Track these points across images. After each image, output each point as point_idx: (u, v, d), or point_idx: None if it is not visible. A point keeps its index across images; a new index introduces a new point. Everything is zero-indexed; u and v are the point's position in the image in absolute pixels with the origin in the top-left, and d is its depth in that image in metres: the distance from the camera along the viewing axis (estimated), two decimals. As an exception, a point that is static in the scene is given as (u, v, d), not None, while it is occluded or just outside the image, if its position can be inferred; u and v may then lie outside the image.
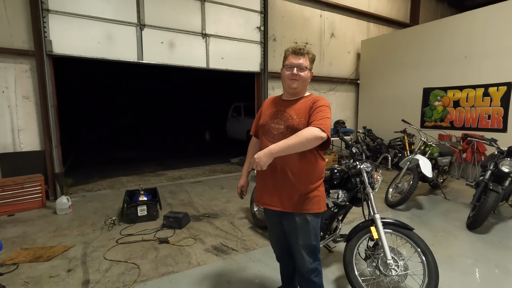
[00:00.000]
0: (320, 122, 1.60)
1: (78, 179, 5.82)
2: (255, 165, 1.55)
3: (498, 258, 2.94)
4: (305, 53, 1.74)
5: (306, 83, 1.79)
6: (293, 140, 1.53)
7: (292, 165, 1.73)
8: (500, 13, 5.58)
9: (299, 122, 1.70)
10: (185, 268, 2.73)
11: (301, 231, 1.78)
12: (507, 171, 3.65)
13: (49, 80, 4.59)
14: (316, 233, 1.82)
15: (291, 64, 1.73)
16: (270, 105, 1.90)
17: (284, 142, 1.54)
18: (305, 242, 1.79)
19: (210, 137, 12.32)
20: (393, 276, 2.10)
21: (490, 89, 5.77)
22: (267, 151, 1.53)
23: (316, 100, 1.74)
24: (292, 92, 1.79)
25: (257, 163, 1.53)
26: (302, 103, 1.76)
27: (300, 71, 1.73)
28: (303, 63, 1.73)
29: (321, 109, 1.67)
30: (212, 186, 5.56)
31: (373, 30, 8.90)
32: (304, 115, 1.71)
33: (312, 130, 1.56)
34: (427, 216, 4.08)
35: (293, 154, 1.67)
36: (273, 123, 1.80)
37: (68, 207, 4.16)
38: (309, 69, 1.77)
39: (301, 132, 1.56)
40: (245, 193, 2.13)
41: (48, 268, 2.73)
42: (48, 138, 4.70)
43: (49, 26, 4.50)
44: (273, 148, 1.53)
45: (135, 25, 5.18)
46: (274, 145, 1.55)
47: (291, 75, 1.73)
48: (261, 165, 1.53)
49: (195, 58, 5.89)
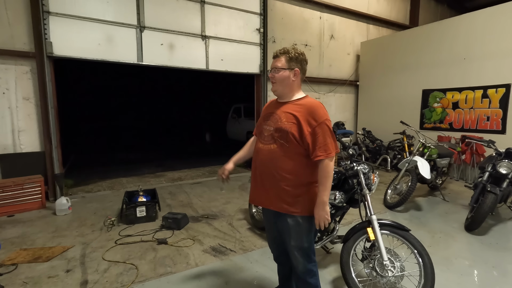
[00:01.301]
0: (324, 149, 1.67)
1: (78, 180, 5.84)
2: (323, 225, 1.71)
3: (496, 259, 2.94)
4: (282, 53, 1.78)
5: (286, 83, 1.77)
6: (328, 182, 1.70)
7: (280, 168, 1.74)
8: (499, 15, 5.60)
9: (287, 126, 1.72)
10: (183, 269, 2.74)
11: (293, 233, 1.79)
12: (505, 172, 3.66)
13: (49, 81, 4.62)
14: (308, 236, 1.82)
15: (271, 67, 1.84)
16: (267, 107, 1.96)
17: (324, 189, 1.69)
18: (297, 244, 1.80)
19: (210, 138, 12.34)
20: (390, 277, 2.11)
21: (489, 91, 5.78)
22: (321, 205, 1.69)
23: (310, 114, 1.69)
24: (277, 95, 1.86)
25: (322, 222, 1.70)
26: (294, 107, 1.75)
27: (275, 72, 1.80)
28: (277, 64, 1.79)
29: (319, 128, 1.67)
30: (212, 187, 5.58)
31: (372, 32, 8.93)
32: (294, 119, 1.71)
33: (325, 165, 1.68)
34: (425, 217, 4.09)
35: (281, 156, 1.73)
36: (265, 125, 1.84)
37: (67, 208, 4.18)
38: (289, 68, 1.76)
39: (323, 171, 1.69)
40: (225, 176, 2.06)
41: (47, 268, 2.74)
42: (48, 139, 4.72)
43: (50, 28, 4.53)
44: (323, 200, 1.69)
45: (135, 27, 5.21)
46: (322, 196, 1.69)
47: (271, 77, 1.83)
48: (326, 219, 1.70)
49: (195, 60, 5.91)
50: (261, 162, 1.82)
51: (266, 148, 1.79)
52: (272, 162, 1.76)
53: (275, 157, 1.74)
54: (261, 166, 1.82)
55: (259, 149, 1.85)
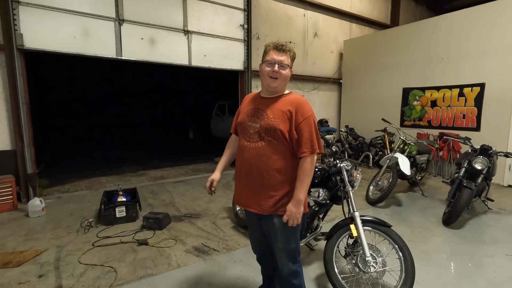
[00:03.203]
0: (310, 145, 1.65)
1: (54, 180, 5.57)
2: (293, 223, 1.64)
3: (471, 252, 3.05)
4: (287, 50, 1.70)
5: (286, 81, 1.74)
6: (307, 180, 1.65)
7: (268, 166, 1.68)
8: (476, 17, 5.81)
9: (274, 123, 1.66)
10: (164, 270, 2.66)
11: (280, 234, 1.74)
12: (479, 168, 3.80)
13: (20, 76, 4.35)
14: (295, 236, 1.78)
15: (273, 60, 1.66)
16: (249, 103, 1.85)
17: (302, 187, 1.64)
18: (284, 245, 1.76)
19: (194, 136, 12.15)
20: (372, 272, 2.13)
21: (465, 89, 6.00)
22: (295, 203, 1.63)
23: (297, 108, 1.66)
24: (272, 91, 1.74)
25: (292, 220, 1.63)
26: (281, 104, 1.70)
27: (281, 69, 1.66)
28: (284, 60, 1.67)
29: (305, 123, 1.65)
30: (195, 186, 5.48)
31: (355, 31, 9.06)
32: (282, 116, 1.66)
33: (308, 162, 1.65)
34: (405, 212, 4.19)
35: (270, 154, 1.67)
36: (250, 121, 1.75)
37: (41, 209, 3.96)
38: (290, 68, 1.72)
39: (305, 169, 1.65)
40: (214, 188, 2.00)
41: (17, 274, 2.58)
42: (19, 137, 4.46)
43: (20, 19, 4.25)
44: (299, 197, 1.63)
45: (114, 19, 5.00)
46: (298, 194, 1.63)
47: (272, 72, 1.66)
48: (298, 218, 1.64)
49: (177, 55, 5.76)
50: (247, 161, 1.72)
51: (252, 146, 1.71)
52: (260, 160, 1.68)
53: (263, 155, 1.67)
54: (247, 166, 1.72)
55: (244, 147, 1.75)
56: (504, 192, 5.18)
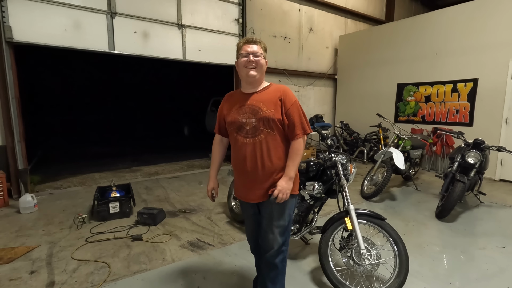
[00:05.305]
0: (301, 127, 1.76)
1: (46, 176, 5.49)
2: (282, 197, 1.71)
3: (463, 245, 3.09)
4: (258, 41, 1.79)
5: (263, 70, 1.80)
6: (298, 159, 1.77)
7: (271, 156, 1.76)
8: (469, 13, 5.83)
9: (269, 114, 1.73)
10: (159, 265, 2.64)
11: (276, 212, 1.81)
12: (472, 162, 3.84)
13: (10, 69, 4.25)
14: (290, 214, 1.87)
15: (246, 52, 1.76)
16: (233, 101, 1.86)
17: (294, 165, 1.74)
18: (279, 222, 1.82)
19: (188, 132, 12.06)
20: (366, 265, 2.14)
21: (458, 85, 6.04)
22: (287, 179, 1.72)
23: (284, 95, 1.76)
24: (252, 81, 1.78)
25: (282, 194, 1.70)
26: (268, 95, 1.78)
27: (256, 57, 1.74)
28: (257, 50, 1.76)
29: (294, 107, 1.76)
30: (190, 181, 5.45)
31: (350, 26, 9.04)
32: (274, 106, 1.74)
33: (301, 142, 1.77)
34: (399, 206, 4.23)
35: (272, 144, 1.75)
36: (243, 119, 1.77)
37: (33, 205, 3.90)
38: (264, 58, 1.80)
39: (297, 149, 1.76)
40: (216, 195, 2.11)
41: (8, 270, 2.54)
42: (9, 132, 4.37)
43: (9, 11, 4.15)
44: (291, 174, 1.73)
45: (106, 12, 4.90)
46: (290, 171, 1.73)
47: (248, 62, 1.73)
48: (287, 193, 1.73)
49: (171, 50, 5.69)
50: (250, 157, 1.76)
51: (251, 141, 1.75)
52: (263, 152, 1.75)
53: (265, 147, 1.75)
54: (250, 161, 1.76)
55: (243, 144, 1.77)
56: (496, 186, 5.25)
